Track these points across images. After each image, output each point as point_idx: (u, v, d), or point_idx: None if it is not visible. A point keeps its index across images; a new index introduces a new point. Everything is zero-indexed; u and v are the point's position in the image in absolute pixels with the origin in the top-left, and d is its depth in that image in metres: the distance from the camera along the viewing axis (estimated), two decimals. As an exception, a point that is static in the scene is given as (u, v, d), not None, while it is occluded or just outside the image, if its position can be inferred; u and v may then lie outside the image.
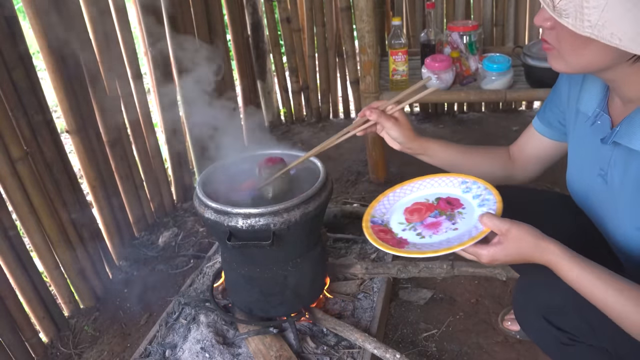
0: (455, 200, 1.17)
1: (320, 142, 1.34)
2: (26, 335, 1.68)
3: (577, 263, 0.92)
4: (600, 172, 1.04)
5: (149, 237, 2.27)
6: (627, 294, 0.89)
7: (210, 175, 1.56)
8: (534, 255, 0.96)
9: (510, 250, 0.96)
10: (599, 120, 1.04)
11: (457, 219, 1.11)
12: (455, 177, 1.22)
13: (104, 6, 1.91)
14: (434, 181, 1.24)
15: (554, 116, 1.22)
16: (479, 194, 1.15)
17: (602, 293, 0.91)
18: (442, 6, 2.87)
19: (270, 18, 2.99)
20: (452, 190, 1.20)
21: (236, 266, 1.54)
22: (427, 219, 1.14)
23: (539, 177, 1.35)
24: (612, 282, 0.90)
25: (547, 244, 0.95)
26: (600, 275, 0.91)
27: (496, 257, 0.98)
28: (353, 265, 1.81)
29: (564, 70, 0.95)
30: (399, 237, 1.11)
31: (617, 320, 0.91)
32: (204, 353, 1.52)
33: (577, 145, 1.14)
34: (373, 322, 1.62)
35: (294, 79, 3.17)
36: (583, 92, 1.09)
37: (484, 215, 1.00)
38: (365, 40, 2.11)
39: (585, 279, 0.92)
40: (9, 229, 1.59)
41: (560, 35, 0.90)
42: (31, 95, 1.63)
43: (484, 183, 1.16)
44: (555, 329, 1.10)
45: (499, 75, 2.16)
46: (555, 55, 0.94)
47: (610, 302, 0.90)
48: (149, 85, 2.41)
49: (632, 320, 0.89)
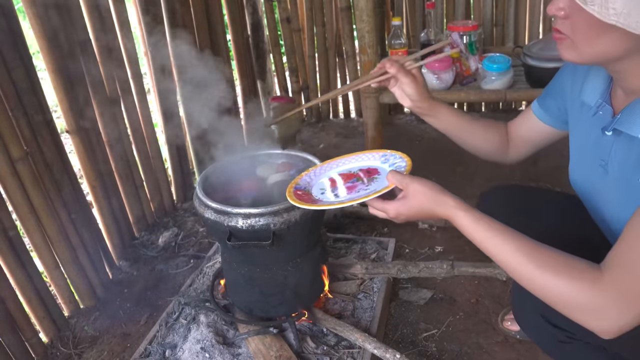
0: (374, 170, 1.28)
1: (321, 142, 1.36)
2: (26, 335, 1.68)
3: (472, 215, 0.98)
4: (601, 162, 1.04)
5: (149, 237, 2.27)
6: (514, 245, 0.92)
7: (210, 176, 1.56)
8: (434, 208, 1.01)
9: (413, 204, 1.03)
10: (600, 111, 1.04)
11: (372, 182, 1.22)
12: (378, 152, 1.33)
13: (104, 6, 1.91)
14: (359, 157, 1.35)
15: (553, 103, 1.23)
16: (394, 162, 1.26)
17: (493, 243, 0.95)
18: (442, 6, 2.87)
19: (270, 18, 2.99)
20: (372, 162, 1.32)
21: (236, 266, 1.54)
22: (346, 184, 1.25)
23: (539, 178, 1.35)
24: (502, 233, 0.94)
25: (446, 197, 1.01)
26: (491, 225, 0.96)
27: (400, 211, 1.05)
28: (353, 265, 1.81)
29: (575, 60, 0.95)
30: (317, 198, 1.23)
31: (509, 272, 0.95)
32: (204, 353, 1.52)
33: (580, 137, 1.14)
34: (373, 322, 1.62)
35: (294, 79, 3.17)
36: (586, 83, 1.10)
37: (389, 172, 1.08)
38: (365, 40, 2.12)
39: (477, 229, 0.97)
40: (9, 229, 1.59)
41: (575, 25, 0.90)
42: (31, 95, 1.63)
43: (402, 155, 1.26)
44: (552, 326, 1.10)
45: (499, 75, 2.16)
46: (568, 45, 0.94)
47: (501, 252, 0.94)
48: (149, 85, 2.41)
49: (521, 268, 0.92)
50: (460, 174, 2.55)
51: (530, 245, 0.92)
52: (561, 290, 0.88)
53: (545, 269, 0.89)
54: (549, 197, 1.42)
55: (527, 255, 0.91)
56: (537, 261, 0.90)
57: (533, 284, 0.92)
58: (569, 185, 1.23)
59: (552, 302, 0.91)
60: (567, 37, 0.93)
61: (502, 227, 0.96)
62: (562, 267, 0.89)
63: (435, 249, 2.06)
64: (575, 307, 0.88)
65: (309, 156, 1.59)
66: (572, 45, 0.93)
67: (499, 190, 1.42)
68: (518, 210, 1.32)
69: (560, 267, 0.89)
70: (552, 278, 0.89)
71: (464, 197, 1.02)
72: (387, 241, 2.03)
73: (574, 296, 0.87)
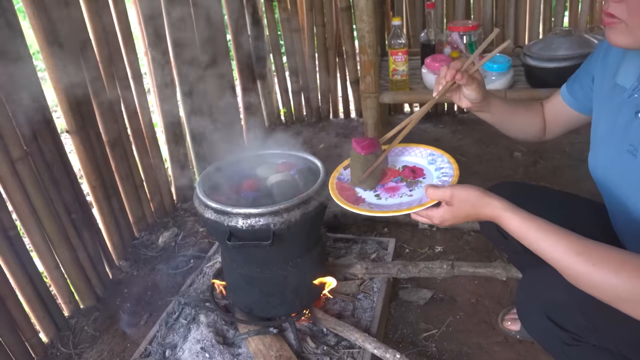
0: (419, 169, 1.26)
1: (321, 142, 1.34)
2: (26, 335, 1.67)
3: (519, 214, 0.97)
4: (629, 147, 1.03)
5: (149, 237, 2.27)
6: (567, 244, 0.91)
7: (210, 176, 1.56)
8: (479, 212, 1.02)
9: (458, 212, 1.04)
10: (636, 94, 1.03)
11: (415, 186, 1.20)
12: (425, 148, 1.31)
13: (104, 6, 1.91)
14: (406, 150, 1.33)
15: (580, 89, 1.23)
16: (441, 166, 1.24)
17: (543, 242, 0.94)
18: (442, 6, 2.87)
19: (270, 18, 2.99)
20: (419, 160, 1.30)
21: (236, 266, 1.54)
22: (389, 183, 1.23)
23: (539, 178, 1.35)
24: (553, 232, 0.93)
25: (490, 199, 1.00)
26: (541, 225, 0.95)
27: (445, 217, 1.06)
28: (353, 265, 1.81)
29: (628, 46, 0.94)
30: (359, 195, 1.21)
31: (562, 272, 0.93)
32: (204, 353, 1.52)
33: (607, 121, 1.12)
34: (373, 322, 1.62)
35: (294, 79, 3.17)
36: (623, 66, 1.08)
37: (428, 187, 1.07)
38: (365, 40, 2.11)
39: (526, 228, 0.96)
40: (9, 229, 1.59)
41: (632, 8, 0.88)
42: (31, 95, 1.63)
43: (449, 158, 1.25)
44: (558, 328, 1.09)
45: (499, 75, 2.16)
46: (621, 30, 0.93)
47: (551, 252, 0.93)
48: (149, 85, 2.41)
49: (575, 270, 0.90)
50: (459, 174, 2.55)
51: (583, 244, 0.90)
52: (622, 286, 0.86)
53: (601, 267, 0.87)
54: (552, 196, 1.42)
55: (582, 254, 0.89)
56: (592, 259, 0.88)
57: (589, 283, 0.89)
58: (569, 186, 1.23)
59: (610, 298, 0.88)
60: (621, 21, 0.91)
61: (552, 227, 0.94)
62: (620, 262, 0.86)
63: (435, 249, 2.06)
64: (637, 302, 0.86)
65: (309, 156, 1.59)
66: (627, 30, 0.92)
67: (502, 187, 1.42)
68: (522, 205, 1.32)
69: (618, 262, 0.86)
70: (613, 275, 0.86)
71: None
72: (387, 241, 2.03)
73: (635, 292, 0.85)
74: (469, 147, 2.77)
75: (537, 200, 1.35)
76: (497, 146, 2.76)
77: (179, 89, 2.32)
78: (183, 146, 2.46)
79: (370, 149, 1.19)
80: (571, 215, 1.28)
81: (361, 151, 1.18)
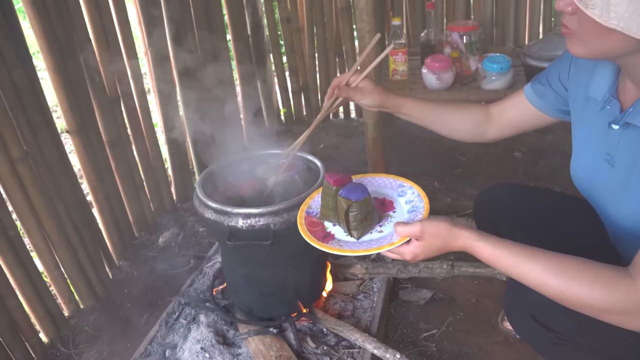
0: (390, 202, 1.23)
1: (321, 142, 1.35)
2: (26, 335, 1.68)
3: (489, 242, 0.97)
4: (606, 157, 1.04)
5: (149, 237, 2.27)
6: (541, 267, 0.92)
7: (210, 175, 1.56)
8: (451, 244, 1.02)
9: (429, 246, 1.03)
10: (608, 105, 1.03)
11: (385, 221, 1.17)
12: (395, 179, 1.28)
13: (104, 6, 1.91)
14: (376, 180, 1.30)
15: (549, 91, 1.22)
16: (411, 199, 1.21)
17: (517, 269, 0.95)
18: (442, 6, 2.87)
19: (270, 18, 2.99)
20: (389, 192, 1.26)
21: (236, 266, 1.54)
22: None
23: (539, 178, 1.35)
24: (525, 256, 0.94)
25: (460, 230, 1.00)
26: (512, 251, 0.95)
27: (416, 252, 1.04)
28: (353, 265, 1.81)
29: (582, 55, 0.95)
30: (328, 231, 1.17)
31: (540, 290, 0.94)
32: (204, 353, 1.52)
33: (583, 131, 1.13)
34: (373, 322, 1.62)
35: (294, 79, 3.17)
36: (593, 78, 1.09)
37: (397, 225, 1.04)
38: (365, 40, 2.11)
39: (497, 256, 0.96)
40: (9, 229, 1.59)
41: (582, 21, 0.89)
42: (31, 95, 1.63)
43: (419, 190, 1.21)
44: (544, 329, 1.10)
45: (499, 75, 2.15)
46: (575, 41, 0.94)
47: (526, 277, 0.94)
48: (149, 85, 2.41)
49: (552, 287, 0.91)
50: (459, 175, 2.55)
51: (555, 263, 0.92)
52: (597, 300, 0.88)
53: (577, 283, 0.89)
54: (547, 197, 1.42)
55: (556, 275, 0.91)
56: (567, 277, 0.90)
57: (568, 299, 0.91)
58: (569, 185, 1.23)
59: (589, 312, 0.91)
60: (574, 32, 0.93)
61: (524, 250, 0.95)
62: (592, 277, 0.89)
63: (435, 249, 2.06)
64: (614, 313, 0.89)
65: (310, 156, 1.59)
66: (580, 41, 0.93)
67: (497, 189, 1.42)
68: (517, 210, 1.32)
69: (590, 279, 0.89)
70: (586, 291, 0.89)
71: (464, 198, 1.02)
72: (387, 241, 2.03)
73: (611, 304, 0.87)
74: (469, 147, 2.77)
75: (534, 201, 1.35)
76: (497, 146, 2.76)
77: (179, 89, 2.32)
78: (183, 146, 2.46)
79: (343, 182, 1.18)
80: (567, 215, 1.28)
81: (334, 184, 1.17)
